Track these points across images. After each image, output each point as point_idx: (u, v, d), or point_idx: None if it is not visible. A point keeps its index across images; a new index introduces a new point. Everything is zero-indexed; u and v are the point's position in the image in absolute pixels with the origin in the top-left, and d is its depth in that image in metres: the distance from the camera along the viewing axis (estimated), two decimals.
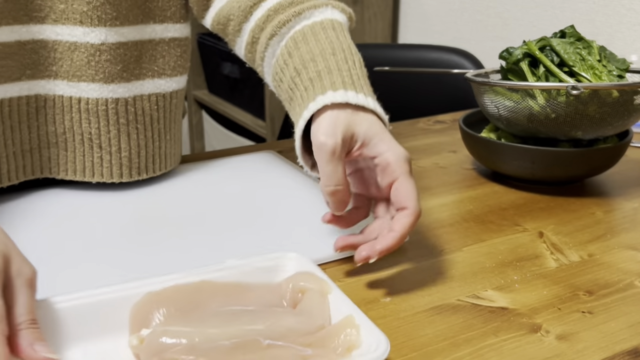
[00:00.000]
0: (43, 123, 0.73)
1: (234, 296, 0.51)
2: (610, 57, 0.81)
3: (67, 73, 0.72)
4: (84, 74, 0.72)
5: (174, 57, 0.77)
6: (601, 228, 0.71)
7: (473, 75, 0.86)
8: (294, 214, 0.72)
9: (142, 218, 0.71)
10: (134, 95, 0.75)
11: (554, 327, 0.53)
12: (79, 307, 0.48)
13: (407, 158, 0.58)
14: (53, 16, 0.70)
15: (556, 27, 0.87)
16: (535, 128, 0.78)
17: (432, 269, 0.62)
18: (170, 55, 0.77)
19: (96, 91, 0.72)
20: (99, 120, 0.74)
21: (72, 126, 0.74)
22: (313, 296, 0.50)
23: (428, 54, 1.49)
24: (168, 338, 0.44)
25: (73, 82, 0.72)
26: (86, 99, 0.73)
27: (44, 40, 0.71)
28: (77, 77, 0.72)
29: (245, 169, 0.85)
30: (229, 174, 0.83)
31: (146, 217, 0.71)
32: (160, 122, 0.78)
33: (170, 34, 0.76)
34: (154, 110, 0.77)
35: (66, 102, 0.73)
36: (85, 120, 0.73)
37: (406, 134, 1.03)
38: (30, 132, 0.73)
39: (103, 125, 0.74)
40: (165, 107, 0.78)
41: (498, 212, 0.74)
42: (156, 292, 0.49)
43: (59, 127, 0.74)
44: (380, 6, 1.89)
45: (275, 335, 0.46)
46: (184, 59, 0.79)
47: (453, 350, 0.50)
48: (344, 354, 0.46)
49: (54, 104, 0.73)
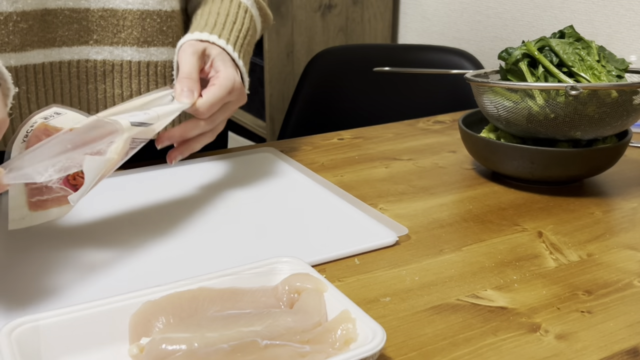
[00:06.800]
0: (110, 85, 0.80)
1: (231, 301, 0.51)
2: (609, 57, 0.81)
3: (137, 40, 0.79)
4: (155, 39, 0.79)
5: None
6: (600, 228, 0.71)
7: (472, 75, 0.87)
8: (294, 214, 0.72)
9: (139, 216, 0.71)
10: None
11: (553, 326, 0.53)
12: (78, 319, 0.48)
13: (237, 80, 0.73)
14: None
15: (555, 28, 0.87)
16: (534, 128, 0.78)
17: (432, 268, 0.62)
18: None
19: (165, 54, 0.81)
20: (165, 81, 0.81)
21: (140, 89, 0.80)
22: (309, 295, 0.51)
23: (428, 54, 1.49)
24: (168, 345, 0.45)
25: (143, 47, 0.79)
26: (155, 62, 0.80)
27: (113, 9, 0.77)
28: (147, 42, 0.79)
29: (245, 169, 0.85)
30: (227, 174, 0.84)
31: (144, 215, 0.71)
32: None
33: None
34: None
35: (134, 66, 0.80)
36: (152, 82, 0.81)
37: (406, 134, 1.04)
38: (88, 94, 0.80)
39: (168, 86, 0.81)
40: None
41: (497, 212, 0.75)
42: (154, 301, 0.49)
43: (125, 90, 0.80)
44: (380, 6, 1.89)
45: (273, 335, 0.46)
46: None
47: (452, 350, 0.50)
48: (342, 347, 0.46)
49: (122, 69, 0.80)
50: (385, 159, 0.92)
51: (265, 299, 0.52)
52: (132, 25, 0.77)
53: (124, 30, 0.77)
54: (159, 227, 0.69)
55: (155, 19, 0.77)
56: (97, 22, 0.76)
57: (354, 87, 1.51)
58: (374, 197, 0.78)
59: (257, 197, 0.77)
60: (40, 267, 0.60)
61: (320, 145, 0.98)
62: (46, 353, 0.46)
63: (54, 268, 0.60)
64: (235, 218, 0.71)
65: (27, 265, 0.61)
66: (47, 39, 0.76)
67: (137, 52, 0.78)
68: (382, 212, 0.74)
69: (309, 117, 1.48)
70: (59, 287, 0.57)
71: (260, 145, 0.97)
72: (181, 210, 0.73)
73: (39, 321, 0.46)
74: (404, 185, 0.82)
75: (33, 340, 0.46)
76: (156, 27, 0.78)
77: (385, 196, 0.79)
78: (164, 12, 0.78)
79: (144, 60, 0.80)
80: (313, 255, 0.62)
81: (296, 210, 0.73)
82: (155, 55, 0.79)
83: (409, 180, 0.84)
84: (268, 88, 1.81)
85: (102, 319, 0.48)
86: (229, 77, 0.73)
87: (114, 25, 0.77)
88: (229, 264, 0.60)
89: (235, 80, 0.73)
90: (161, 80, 0.81)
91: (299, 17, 1.78)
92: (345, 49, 1.58)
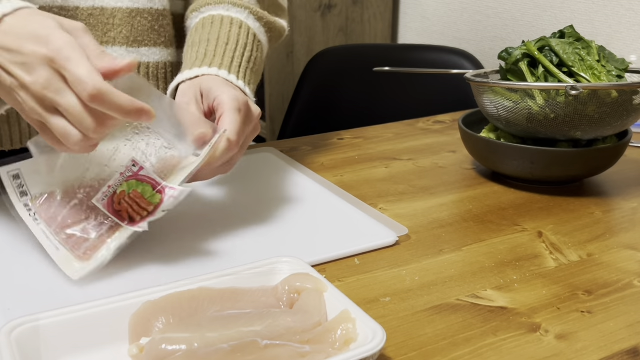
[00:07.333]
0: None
1: (231, 301, 0.51)
2: (609, 57, 0.81)
3: (127, 39, 0.77)
4: (145, 38, 0.77)
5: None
6: (600, 228, 0.71)
7: (472, 75, 0.87)
8: (294, 215, 0.72)
9: None
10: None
11: (553, 326, 0.53)
12: (78, 319, 0.48)
13: (241, 99, 0.65)
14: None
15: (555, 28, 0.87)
16: (534, 128, 0.78)
17: (432, 268, 0.62)
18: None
19: (157, 55, 0.79)
20: (158, 83, 0.80)
21: None
22: (309, 295, 0.51)
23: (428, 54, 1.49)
24: (168, 345, 0.45)
25: (133, 47, 0.78)
26: (146, 63, 0.78)
27: (103, 7, 0.76)
28: (137, 42, 0.77)
29: (245, 169, 0.85)
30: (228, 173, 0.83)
31: None
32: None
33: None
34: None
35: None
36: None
37: (406, 134, 1.04)
38: None
39: (162, 88, 0.80)
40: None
41: (497, 212, 0.75)
42: (154, 301, 0.49)
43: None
44: (380, 6, 1.89)
45: (273, 335, 0.46)
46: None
47: (452, 350, 0.50)
48: (342, 348, 0.46)
49: None
50: (385, 159, 0.92)
51: (265, 299, 0.52)
52: (121, 24, 0.76)
53: (113, 29, 0.76)
54: (158, 227, 0.69)
55: (146, 17, 0.76)
56: (86, 20, 0.75)
57: (354, 87, 1.51)
58: (374, 197, 0.78)
59: (257, 197, 0.77)
60: (40, 267, 0.60)
61: (320, 145, 0.98)
62: (46, 353, 0.46)
63: (54, 268, 0.59)
64: (235, 218, 0.71)
65: (27, 265, 0.61)
66: None
67: (127, 52, 0.77)
68: (382, 212, 0.74)
69: (309, 117, 1.48)
70: (59, 287, 0.57)
71: (260, 145, 0.97)
72: (180, 210, 0.73)
73: (39, 321, 0.47)
74: (404, 185, 0.82)
75: (33, 340, 0.46)
76: (147, 25, 0.77)
77: (385, 196, 0.79)
78: (155, 10, 0.76)
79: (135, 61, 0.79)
80: (313, 255, 0.62)
81: (296, 210, 0.73)
82: (146, 55, 0.78)
83: (409, 180, 0.84)
84: (268, 88, 1.81)
85: (102, 319, 0.48)
86: (233, 98, 0.66)
87: (103, 23, 0.76)
88: (229, 264, 0.60)
89: (239, 99, 0.67)
90: (153, 81, 0.79)
91: (299, 17, 1.78)
92: (345, 49, 1.58)
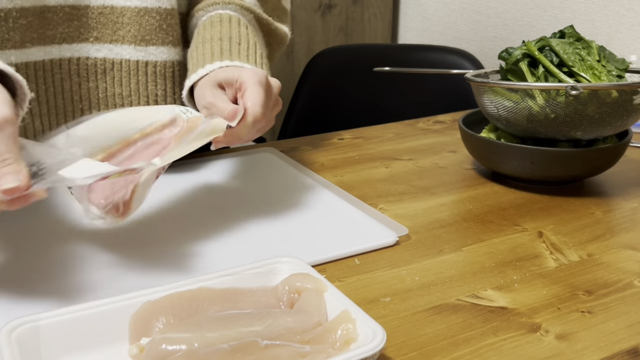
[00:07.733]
0: (110, 84, 0.79)
1: (231, 301, 0.51)
2: (609, 57, 0.81)
3: (135, 38, 0.78)
4: (153, 37, 0.78)
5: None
6: (600, 228, 0.71)
7: (473, 75, 0.87)
8: (294, 215, 0.72)
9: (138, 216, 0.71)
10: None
11: (553, 326, 0.53)
12: (78, 319, 0.48)
13: (259, 72, 0.66)
14: None
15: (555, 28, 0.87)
16: (534, 128, 0.78)
17: (432, 268, 0.62)
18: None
19: (165, 54, 0.80)
20: (165, 82, 0.81)
21: (138, 89, 0.80)
22: (309, 295, 0.51)
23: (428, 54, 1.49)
24: (168, 345, 0.45)
25: (141, 46, 0.79)
26: (154, 62, 0.79)
27: (113, 6, 0.77)
28: (145, 41, 0.78)
29: (245, 169, 0.85)
30: (228, 173, 0.84)
31: (143, 215, 0.71)
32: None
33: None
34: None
35: (132, 65, 0.80)
36: (151, 82, 0.80)
37: (406, 134, 1.04)
38: (90, 93, 0.79)
39: (169, 87, 0.81)
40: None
41: (497, 212, 0.75)
42: (154, 301, 0.49)
43: (125, 89, 0.80)
44: (380, 6, 1.89)
45: (273, 335, 0.46)
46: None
47: (452, 350, 0.50)
48: (342, 348, 0.46)
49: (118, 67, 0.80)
50: (385, 159, 0.92)
51: (266, 299, 0.52)
52: (130, 23, 0.76)
53: (122, 27, 0.77)
54: (158, 226, 0.69)
55: (154, 16, 0.77)
56: (96, 18, 0.76)
57: (354, 87, 1.51)
58: (374, 197, 0.78)
59: (257, 197, 0.77)
60: (40, 267, 0.60)
61: (320, 145, 0.98)
62: (46, 353, 0.46)
63: (54, 268, 0.59)
64: (235, 218, 0.71)
65: (27, 265, 0.61)
66: (47, 36, 0.76)
67: (135, 50, 0.78)
68: (382, 212, 0.74)
69: (309, 117, 1.48)
70: (59, 287, 0.57)
71: (260, 145, 0.97)
72: (181, 210, 0.73)
73: (39, 321, 0.46)
74: (404, 185, 0.82)
75: (33, 340, 0.46)
76: (155, 24, 0.77)
77: (385, 196, 0.79)
78: (164, 9, 0.77)
79: (143, 59, 0.79)
80: (313, 255, 0.62)
81: (296, 210, 0.73)
82: (154, 54, 0.79)
83: (409, 180, 0.84)
84: None
85: (102, 319, 0.48)
86: (252, 73, 0.67)
87: (113, 22, 0.77)
88: (229, 264, 0.60)
89: (258, 73, 0.67)
90: (161, 80, 0.80)
91: (299, 17, 1.77)
92: (345, 49, 1.58)
